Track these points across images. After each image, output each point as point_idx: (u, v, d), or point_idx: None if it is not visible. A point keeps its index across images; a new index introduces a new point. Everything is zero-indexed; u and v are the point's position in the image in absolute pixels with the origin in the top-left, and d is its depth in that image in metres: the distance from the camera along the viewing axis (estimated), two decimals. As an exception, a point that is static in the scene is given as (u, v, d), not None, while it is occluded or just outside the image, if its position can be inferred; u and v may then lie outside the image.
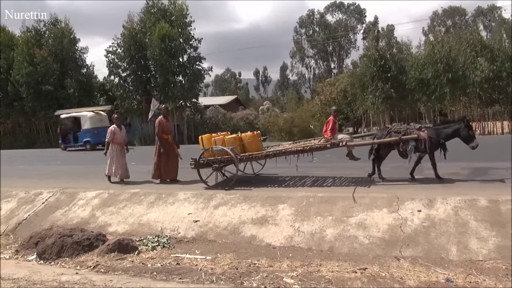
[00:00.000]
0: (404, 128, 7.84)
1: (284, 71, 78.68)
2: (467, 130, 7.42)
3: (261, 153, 8.33)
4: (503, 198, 5.76)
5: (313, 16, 71.12)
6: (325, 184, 8.09)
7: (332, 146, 8.03)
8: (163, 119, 9.25)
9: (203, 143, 8.50)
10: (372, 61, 35.19)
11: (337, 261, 5.00)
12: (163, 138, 9.20)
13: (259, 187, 8.07)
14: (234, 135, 8.65)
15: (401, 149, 7.74)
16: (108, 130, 9.81)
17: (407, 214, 5.77)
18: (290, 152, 8.24)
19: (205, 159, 8.30)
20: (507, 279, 4.23)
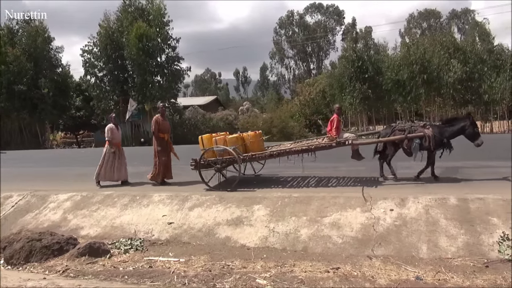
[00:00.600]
0: (408, 126, 7.79)
1: (264, 72, 78.85)
2: (473, 128, 7.40)
3: (264, 153, 8.10)
4: (472, 197, 5.91)
5: (293, 17, 71.57)
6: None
7: (338, 145, 7.84)
8: (159, 118, 8.99)
9: (203, 143, 8.24)
10: (350, 62, 35.67)
11: (310, 261, 5.01)
12: (160, 137, 8.94)
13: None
14: (236, 135, 8.40)
15: (405, 147, 7.66)
16: (106, 128, 9.41)
17: (380, 213, 5.85)
18: (295, 151, 8.03)
19: (206, 160, 8.06)
20: (474, 276, 4.33)
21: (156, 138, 8.96)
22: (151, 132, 9.11)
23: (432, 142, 7.27)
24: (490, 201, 5.72)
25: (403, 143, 7.63)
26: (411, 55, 34.57)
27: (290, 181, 8.54)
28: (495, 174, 7.94)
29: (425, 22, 66.42)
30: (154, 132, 8.94)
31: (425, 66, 33.89)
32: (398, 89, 35.02)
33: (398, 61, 35.77)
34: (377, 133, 8.87)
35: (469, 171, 8.59)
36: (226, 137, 8.18)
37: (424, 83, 33.78)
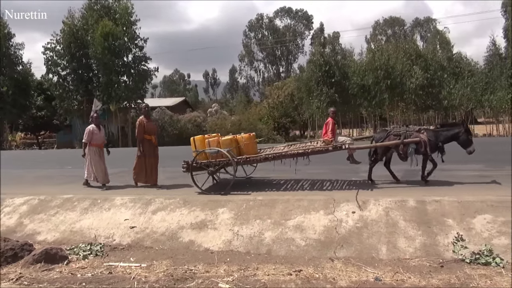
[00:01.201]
0: (403, 131, 7.79)
1: (233, 74, 78.90)
2: (466, 135, 7.47)
3: (259, 155, 7.92)
4: (429, 199, 6.13)
5: (262, 21, 72.14)
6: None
7: (334, 149, 7.78)
8: (143, 119, 8.62)
9: (196, 145, 8.02)
10: (317, 66, 36.27)
11: (274, 264, 5.03)
12: (145, 139, 8.60)
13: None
14: (230, 137, 8.17)
15: (401, 152, 7.64)
16: (86, 130, 8.93)
17: (342, 215, 5.95)
18: (291, 155, 7.84)
19: (198, 162, 7.85)
20: (430, 276, 4.48)
21: (140, 141, 8.53)
22: (136, 135, 8.65)
23: (427, 147, 7.35)
24: (446, 203, 5.95)
25: (399, 148, 7.61)
26: (376, 61, 35.66)
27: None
28: (455, 177, 8.26)
29: (390, 29, 68.63)
30: (139, 135, 8.52)
31: (389, 72, 35.02)
32: (363, 94, 36.01)
33: (364, 66, 36.81)
34: (371, 137, 8.89)
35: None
36: (220, 139, 7.97)
37: (388, 88, 34.90)
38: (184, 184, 8.65)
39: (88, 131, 8.84)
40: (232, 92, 79.22)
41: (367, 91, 35.60)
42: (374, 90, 35.25)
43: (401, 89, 35.72)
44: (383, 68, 34.90)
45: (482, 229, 5.31)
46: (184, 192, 7.90)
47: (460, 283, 4.26)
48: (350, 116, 40.97)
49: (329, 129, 8.09)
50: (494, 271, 4.50)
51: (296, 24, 71.99)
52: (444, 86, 35.71)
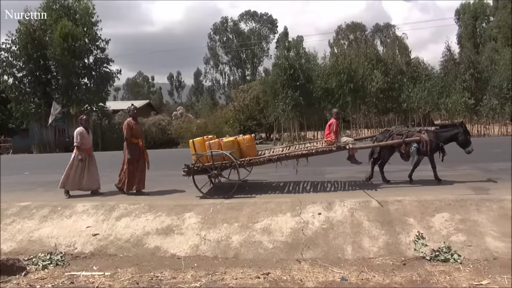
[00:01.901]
0: (405, 131, 7.98)
1: (198, 77, 78.23)
2: (465, 135, 7.71)
3: (263, 157, 7.77)
4: (391, 199, 6.33)
5: (227, 24, 72.08)
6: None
7: (338, 149, 7.83)
8: (132, 121, 8.21)
9: (195, 147, 7.77)
10: (282, 70, 36.61)
11: (241, 267, 5.02)
12: (133, 142, 8.18)
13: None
14: (231, 138, 8.03)
15: (403, 151, 7.79)
16: (75, 133, 8.35)
17: (308, 217, 6.04)
18: (295, 156, 7.77)
19: (199, 165, 7.61)
20: (393, 274, 4.62)
21: (128, 144, 8.13)
22: (124, 138, 8.17)
23: (428, 146, 7.53)
24: (407, 202, 6.17)
25: (401, 147, 7.78)
26: (339, 65, 36.50)
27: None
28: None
29: (352, 34, 70.44)
30: (127, 137, 8.10)
31: (351, 76, 35.92)
32: (327, 97, 36.73)
33: (327, 70, 37.57)
34: (373, 136, 9.03)
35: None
36: (221, 141, 7.80)
37: (351, 91, 35.79)
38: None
39: (80, 134, 8.30)
40: (198, 95, 78.48)
41: (331, 94, 36.34)
42: (337, 94, 36.03)
43: (363, 93, 36.76)
44: (346, 72, 35.75)
45: (440, 227, 5.55)
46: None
47: (421, 280, 4.42)
48: (314, 119, 41.63)
49: (332, 130, 8.15)
50: (453, 267, 4.71)
51: (261, 28, 72.46)
52: (403, 89, 37.06)
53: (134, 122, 8.29)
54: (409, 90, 36.61)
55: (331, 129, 8.20)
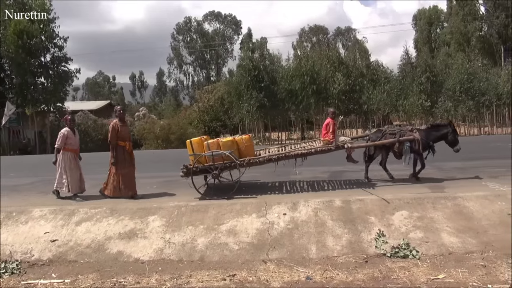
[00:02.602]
0: (398, 130, 8.11)
1: (161, 77, 76.94)
2: (454, 135, 7.99)
3: (263, 157, 7.65)
4: (353, 198, 6.51)
5: (191, 24, 71.39)
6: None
7: (337, 149, 7.85)
8: (118, 123, 7.83)
9: (193, 148, 7.56)
10: (247, 71, 36.76)
11: (207, 270, 4.99)
12: (119, 145, 7.80)
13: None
14: (230, 138, 7.86)
15: (396, 150, 7.93)
16: (59, 134, 7.99)
17: (274, 218, 6.09)
18: (295, 155, 7.72)
19: (198, 166, 7.41)
20: (356, 271, 4.75)
21: (113, 148, 7.74)
22: (108, 140, 7.83)
23: (420, 145, 7.73)
24: (368, 201, 6.36)
25: (394, 146, 7.92)
26: (302, 67, 37.13)
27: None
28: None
29: (315, 37, 71.76)
30: (111, 140, 7.74)
31: (314, 78, 36.64)
32: (291, 98, 37.23)
33: (291, 72, 38.13)
34: (366, 136, 9.12)
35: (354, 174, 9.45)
36: (220, 141, 7.65)
37: (314, 93, 36.48)
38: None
39: (62, 136, 7.93)
40: (161, 96, 77.15)
41: (295, 96, 36.88)
42: (301, 95, 36.63)
43: (326, 94, 37.59)
44: (309, 74, 36.42)
45: (400, 225, 5.76)
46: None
47: (383, 276, 4.57)
48: (279, 120, 42.06)
49: (329, 130, 8.18)
50: (412, 262, 4.90)
51: (225, 29, 72.34)
52: (364, 91, 38.25)
53: (121, 124, 7.91)
54: (369, 92, 37.85)
55: (328, 128, 8.26)
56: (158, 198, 7.61)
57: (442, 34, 56.54)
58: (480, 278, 4.39)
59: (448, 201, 6.22)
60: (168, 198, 7.64)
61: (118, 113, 8.05)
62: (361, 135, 9.19)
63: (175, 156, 8.41)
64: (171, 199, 7.45)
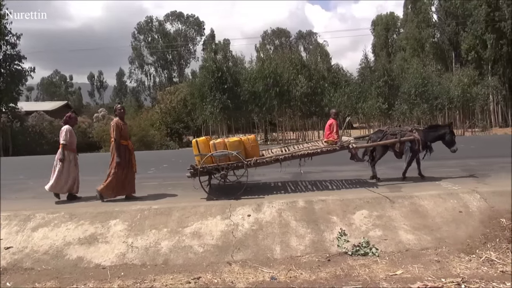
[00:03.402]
0: (398, 131, 8.25)
1: (121, 77, 75.01)
2: (451, 135, 8.17)
3: (270, 157, 7.60)
4: (316, 199, 6.65)
5: (152, 23, 70.14)
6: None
7: (342, 148, 7.93)
8: (120, 121, 7.58)
9: (199, 148, 7.40)
10: (210, 72, 36.61)
11: (171, 273, 4.93)
12: (121, 144, 7.53)
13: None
14: (237, 138, 7.73)
15: (397, 150, 8.09)
16: (64, 131, 7.67)
17: (238, 219, 6.11)
18: (302, 155, 7.72)
19: (205, 167, 7.25)
20: (319, 270, 4.86)
21: (117, 146, 7.46)
22: (112, 139, 7.50)
23: (420, 145, 7.93)
24: (330, 201, 6.53)
25: (395, 146, 8.09)
26: (265, 69, 37.47)
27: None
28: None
29: (277, 40, 72.67)
30: (116, 138, 7.46)
31: (277, 80, 37.08)
32: (254, 100, 37.47)
33: (254, 74, 38.35)
34: (367, 136, 9.23)
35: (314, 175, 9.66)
36: (227, 141, 7.52)
37: (277, 95, 36.92)
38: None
39: (70, 132, 7.71)
40: (121, 96, 75.19)
41: (258, 98, 37.15)
42: (264, 97, 36.94)
43: (288, 96, 38.16)
44: (272, 76, 36.82)
45: (360, 224, 5.96)
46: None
47: (344, 274, 4.72)
48: (242, 121, 42.15)
49: (333, 131, 8.30)
50: (371, 260, 5.09)
51: (187, 30, 71.63)
52: (325, 94, 39.16)
53: (122, 123, 7.68)
54: (331, 94, 38.78)
55: (331, 129, 8.37)
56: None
57: (399, 40, 59.01)
58: (435, 273, 4.63)
59: (405, 200, 6.51)
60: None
61: (118, 112, 7.81)
62: (362, 135, 9.39)
63: (137, 158, 8.23)
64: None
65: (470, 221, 5.92)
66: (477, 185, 7.36)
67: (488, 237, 5.53)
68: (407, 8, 56.08)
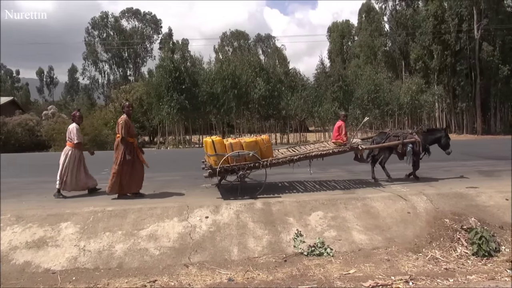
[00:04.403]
0: (400, 133, 8.58)
1: (73, 74, 71.90)
2: (446, 139, 8.68)
3: (285, 157, 7.68)
4: (273, 200, 6.76)
5: (107, 19, 67.82)
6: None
7: (351, 149, 8.16)
8: (128, 119, 7.53)
9: (215, 147, 7.23)
10: (167, 72, 36.02)
11: (126, 277, 4.82)
12: (128, 142, 7.42)
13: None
14: (253, 139, 7.66)
15: (399, 151, 8.39)
16: (74, 129, 7.91)
17: (196, 221, 6.08)
18: (314, 156, 7.89)
19: (223, 167, 7.15)
20: (276, 271, 4.96)
21: (126, 144, 7.35)
22: (121, 136, 7.39)
23: (421, 147, 8.31)
24: (287, 203, 6.66)
25: (398, 147, 8.36)
26: (224, 71, 37.45)
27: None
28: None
29: (236, 42, 72.80)
30: (124, 136, 7.36)
31: (236, 82, 37.17)
32: (212, 102, 37.32)
33: (213, 75, 38.20)
34: (370, 138, 9.40)
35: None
36: (243, 141, 7.50)
37: (235, 97, 36.99)
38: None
39: (78, 130, 7.95)
40: (73, 94, 72.02)
41: (216, 99, 37.04)
42: (222, 98, 36.89)
43: (247, 99, 38.36)
44: (231, 78, 36.85)
45: (316, 225, 6.13)
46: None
47: (300, 274, 4.84)
48: (200, 122, 41.81)
49: (342, 132, 8.49)
50: (326, 260, 5.26)
51: (144, 27, 69.94)
52: (282, 97, 39.74)
53: (129, 121, 7.66)
54: (288, 98, 39.41)
55: (340, 131, 8.53)
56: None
57: (353, 47, 61.08)
58: (385, 271, 4.87)
59: (358, 202, 6.77)
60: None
61: (127, 109, 7.78)
62: (366, 137, 9.68)
63: (89, 158, 7.99)
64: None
65: (417, 222, 6.26)
66: (424, 187, 7.80)
67: (433, 237, 5.88)
68: (361, 17, 58.24)
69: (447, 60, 42.75)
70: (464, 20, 42.01)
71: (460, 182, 8.37)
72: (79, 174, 7.89)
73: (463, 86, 43.17)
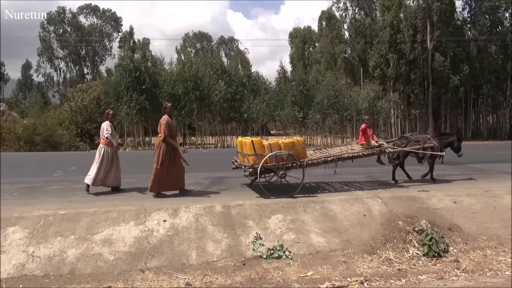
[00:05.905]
0: (421, 138, 9.08)
1: (27, 70, 68.35)
2: (459, 142, 9.17)
3: (319, 158, 8.01)
4: (233, 203, 6.73)
5: (64, 15, 65.08)
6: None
7: (380, 152, 8.64)
8: (170, 120, 7.67)
9: (255, 148, 7.41)
10: (127, 71, 35.15)
11: (78, 283, 4.63)
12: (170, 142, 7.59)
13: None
14: (291, 140, 7.87)
15: (420, 155, 8.89)
16: (106, 127, 8.09)
17: (153, 225, 5.94)
18: (347, 157, 8.28)
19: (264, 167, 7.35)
20: (234, 274, 4.93)
21: (168, 144, 7.51)
22: (165, 136, 7.50)
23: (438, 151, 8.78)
24: (247, 206, 6.65)
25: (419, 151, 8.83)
26: (186, 72, 37.03)
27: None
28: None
29: (199, 43, 72.25)
30: (169, 136, 7.56)
31: (198, 84, 36.86)
32: (173, 103, 36.69)
33: (174, 76, 37.67)
34: (391, 141, 9.71)
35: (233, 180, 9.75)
36: (281, 142, 7.70)
37: (197, 99, 36.66)
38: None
39: (111, 127, 8.14)
40: (25, 91, 68.42)
41: (177, 101, 36.50)
42: (184, 100, 36.43)
43: (208, 101, 38.11)
44: (192, 80, 36.49)
45: (275, 228, 6.16)
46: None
47: (259, 277, 4.84)
48: (160, 124, 41.05)
49: (369, 133, 8.79)
50: (285, 262, 5.30)
51: (103, 25, 67.79)
52: (244, 100, 39.88)
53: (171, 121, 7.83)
54: (250, 101, 39.58)
55: (367, 134, 8.78)
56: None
57: (314, 53, 62.34)
58: (341, 273, 4.98)
59: (317, 205, 6.88)
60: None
61: (168, 110, 7.89)
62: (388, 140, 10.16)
63: (41, 159, 7.60)
64: None
65: (373, 224, 6.46)
66: (379, 190, 8.07)
67: (387, 238, 6.09)
68: (321, 24, 59.58)
69: (402, 68, 44.59)
70: (418, 31, 44.05)
71: (413, 185, 8.74)
72: (110, 171, 8.06)
73: (417, 93, 45.21)
